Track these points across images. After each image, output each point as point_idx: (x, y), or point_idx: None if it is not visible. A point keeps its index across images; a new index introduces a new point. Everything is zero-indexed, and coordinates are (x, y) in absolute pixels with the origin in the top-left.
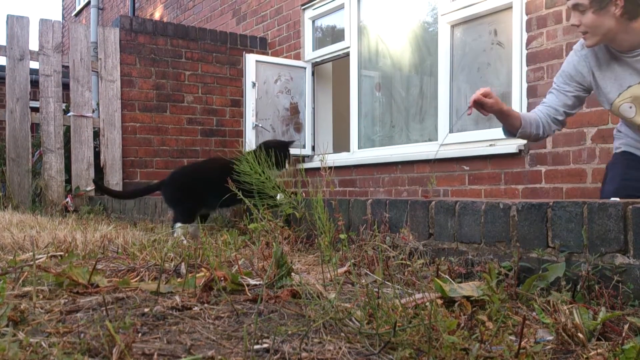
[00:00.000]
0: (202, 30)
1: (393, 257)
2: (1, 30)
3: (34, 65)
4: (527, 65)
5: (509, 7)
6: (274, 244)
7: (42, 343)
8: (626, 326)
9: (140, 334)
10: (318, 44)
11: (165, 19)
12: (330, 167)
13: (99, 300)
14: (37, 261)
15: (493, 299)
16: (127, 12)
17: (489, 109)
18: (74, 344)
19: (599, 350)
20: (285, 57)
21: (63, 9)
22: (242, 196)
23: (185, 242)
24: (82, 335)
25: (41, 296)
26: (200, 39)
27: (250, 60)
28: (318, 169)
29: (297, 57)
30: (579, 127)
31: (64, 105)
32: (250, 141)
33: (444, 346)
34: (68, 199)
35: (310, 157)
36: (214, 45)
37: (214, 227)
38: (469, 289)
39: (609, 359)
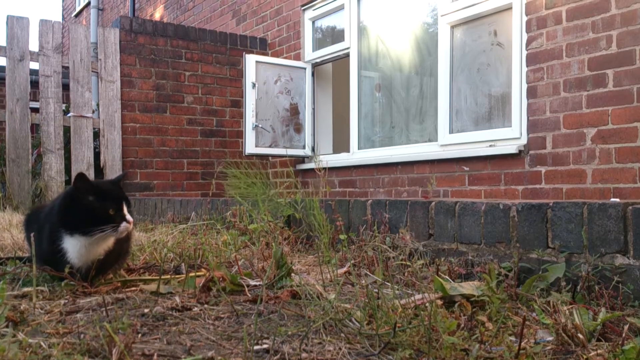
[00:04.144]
0: (202, 30)
1: (393, 257)
2: (1, 31)
3: (34, 65)
4: (527, 66)
5: (508, 8)
6: (273, 244)
7: (42, 344)
8: (626, 327)
9: (140, 335)
10: (318, 44)
11: (165, 20)
12: (324, 168)
13: (99, 300)
14: None
15: (493, 299)
16: (127, 13)
17: None
18: (73, 345)
19: (599, 351)
20: (285, 57)
21: (63, 10)
22: None
23: None
24: (82, 335)
25: (41, 297)
26: (200, 40)
27: (250, 60)
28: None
29: (297, 57)
30: (578, 127)
31: (64, 106)
32: (250, 141)
33: (443, 347)
34: None
35: (310, 158)
36: (214, 45)
37: (214, 227)
38: (469, 288)
39: (609, 359)
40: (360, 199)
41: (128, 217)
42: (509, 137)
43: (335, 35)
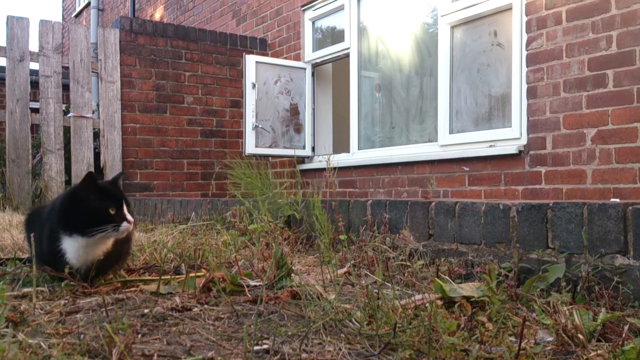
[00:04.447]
0: (202, 31)
1: (393, 258)
2: (1, 31)
3: (34, 66)
4: (527, 66)
5: (509, 8)
6: (273, 245)
7: (42, 344)
8: (626, 327)
9: (140, 335)
10: (318, 45)
11: (165, 20)
12: (334, 168)
13: (99, 301)
14: None
15: (493, 300)
16: (127, 13)
17: None
18: (73, 345)
19: (599, 352)
20: (285, 58)
21: (63, 10)
22: None
23: None
24: (82, 336)
25: (41, 297)
26: (200, 40)
27: (250, 61)
28: (318, 169)
29: (297, 58)
30: (578, 128)
31: (64, 106)
32: (250, 142)
33: (443, 347)
34: None
35: (310, 158)
36: (214, 46)
37: (214, 227)
38: (469, 289)
39: (609, 359)
40: (360, 199)
41: (129, 217)
42: (509, 137)
43: (335, 36)
